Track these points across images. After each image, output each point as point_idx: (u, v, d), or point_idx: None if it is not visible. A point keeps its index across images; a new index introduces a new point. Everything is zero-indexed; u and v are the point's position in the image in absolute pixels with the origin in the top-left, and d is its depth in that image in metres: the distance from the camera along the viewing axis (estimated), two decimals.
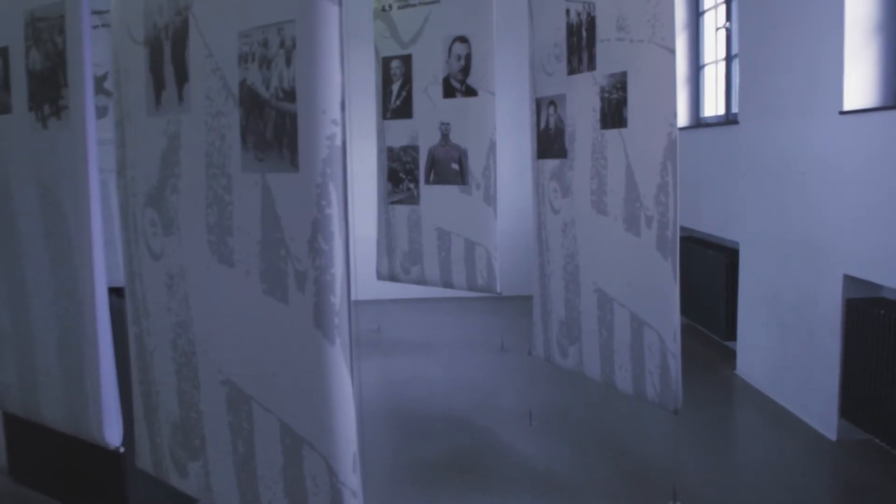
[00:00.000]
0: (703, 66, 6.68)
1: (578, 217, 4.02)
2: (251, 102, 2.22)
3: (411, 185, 6.54)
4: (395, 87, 6.54)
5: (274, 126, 2.15)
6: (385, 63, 6.60)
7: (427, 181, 6.43)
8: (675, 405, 3.52)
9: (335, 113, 2.04)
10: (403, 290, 6.93)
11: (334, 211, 2.04)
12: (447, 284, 6.40)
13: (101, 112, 6.74)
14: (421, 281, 6.61)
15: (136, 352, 2.93)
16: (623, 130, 3.65)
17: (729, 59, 6.02)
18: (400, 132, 6.56)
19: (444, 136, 6.23)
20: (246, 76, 2.25)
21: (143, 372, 2.91)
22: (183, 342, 2.65)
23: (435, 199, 6.38)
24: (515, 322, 6.86)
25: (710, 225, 6.08)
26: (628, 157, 3.63)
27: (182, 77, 2.52)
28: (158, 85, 2.65)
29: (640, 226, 3.58)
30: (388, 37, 6.57)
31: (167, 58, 2.59)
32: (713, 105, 6.54)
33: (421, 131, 6.41)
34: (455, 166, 6.19)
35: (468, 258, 6.19)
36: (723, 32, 6.12)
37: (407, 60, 6.44)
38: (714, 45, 6.45)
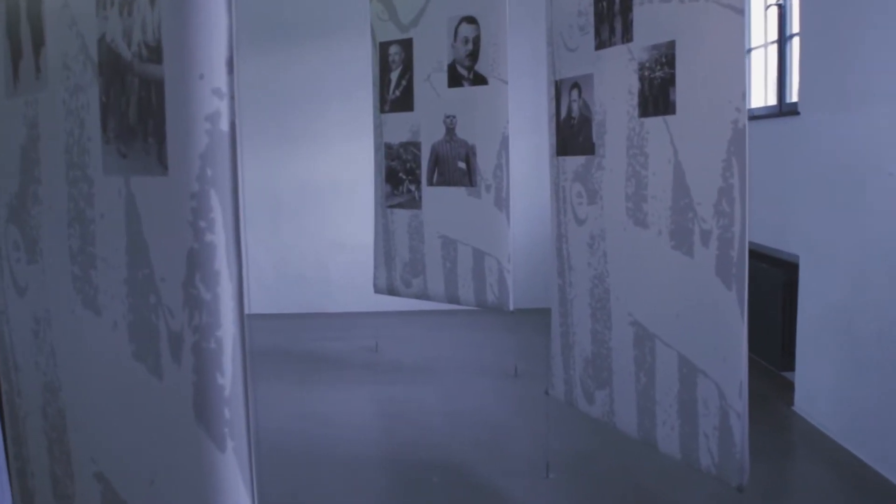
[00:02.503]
0: (749, 49, 5.80)
1: (609, 229, 3.18)
2: (112, 69, 1.41)
3: (412, 187, 5.73)
4: (394, 76, 5.73)
5: (138, 103, 1.34)
6: (383, 49, 5.78)
7: (430, 182, 5.62)
8: (739, 480, 2.67)
9: (219, 78, 1.24)
10: (405, 301, 6.14)
11: (219, 237, 1.23)
12: (453, 300, 5.58)
13: None
14: (423, 295, 5.79)
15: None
16: (670, 118, 2.81)
17: (782, 40, 5.16)
18: (399, 127, 5.75)
19: (450, 130, 5.41)
20: (105, 29, 1.44)
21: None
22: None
23: (439, 202, 5.57)
24: (531, 340, 6.02)
25: (763, 234, 5.16)
26: (677, 152, 2.79)
27: (38, 38, 1.72)
28: (15, 52, 1.85)
29: (692, 243, 2.74)
30: (387, 19, 5.76)
31: (23, 13, 1.79)
32: (761, 94, 5.67)
33: (423, 125, 5.60)
34: (462, 165, 5.37)
35: (477, 271, 5.37)
36: (774, 10, 5.25)
37: (407, 45, 5.63)
38: (762, 26, 5.58)
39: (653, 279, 2.95)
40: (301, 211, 7.53)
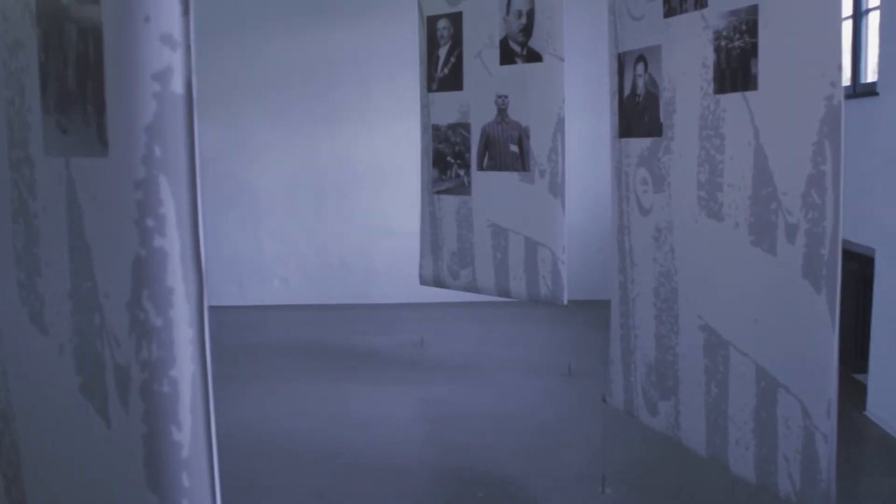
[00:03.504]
0: None
1: (678, 220, 2.82)
2: (49, 16, 1.11)
3: (461, 172, 5.40)
4: (443, 53, 5.39)
5: (76, 61, 1.04)
6: (430, 23, 5.45)
7: (480, 166, 5.28)
8: None
9: (170, 22, 0.93)
10: (453, 291, 5.82)
11: (172, 242, 0.92)
12: (503, 293, 5.25)
13: None
14: (471, 288, 5.47)
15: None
16: (750, 95, 2.43)
17: (858, 15, 4.70)
18: (448, 107, 5.42)
19: (501, 111, 5.06)
20: None
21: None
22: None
23: (489, 188, 5.23)
24: (587, 335, 5.66)
25: None
26: (758, 133, 2.41)
27: None
28: None
29: (775, 238, 2.36)
30: None
31: None
32: None
33: (473, 106, 5.25)
34: (514, 148, 5.02)
35: (529, 262, 5.02)
36: None
37: (456, 19, 5.28)
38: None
39: (727, 279, 2.58)
40: (345, 195, 7.25)
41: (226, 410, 4.62)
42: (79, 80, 1.03)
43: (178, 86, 0.91)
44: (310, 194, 7.29)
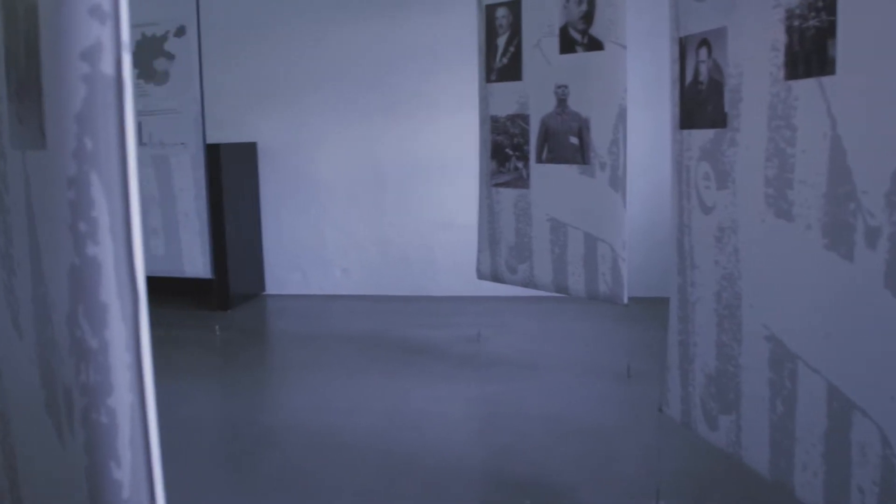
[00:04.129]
0: None
1: (743, 220, 2.59)
2: None
3: (519, 164, 5.22)
4: (501, 42, 5.20)
5: (25, 43, 0.91)
6: (489, 12, 5.27)
7: (539, 159, 5.08)
8: None
9: None
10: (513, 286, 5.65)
11: (105, 250, 0.78)
12: (561, 289, 5.05)
13: (161, 77, 5.76)
14: (529, 283, 5.29)
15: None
16: (827, 81, 2.19)
17: None
18: (507, 98, 5.23)
19: (561, 101, 4.85)
20: None
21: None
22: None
23: (548, 181, 5.04)
24: (647, 335, 5.42)
25: None
26: (836, 124, 2.16)
27: None
28: None
29: (853, 242, 2.12)
30: None
31: None
32: None
33: (532, 96, 5.06)
34: (574, 140, 4.81)
35: (588, 258, 4.82)
36: None
37: (515, 7, 5.09)
38: None
39: (797, 286, 2.34)
40: (405, 187, 7.13)
41: (282, 401, 4.59)
42: (27, 64, 0.90)
43: (107, 65, 0.77)
44: (370, 185, 7.20)
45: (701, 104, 2.75)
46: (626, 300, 4.62)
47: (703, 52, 2.71)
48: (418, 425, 4.09)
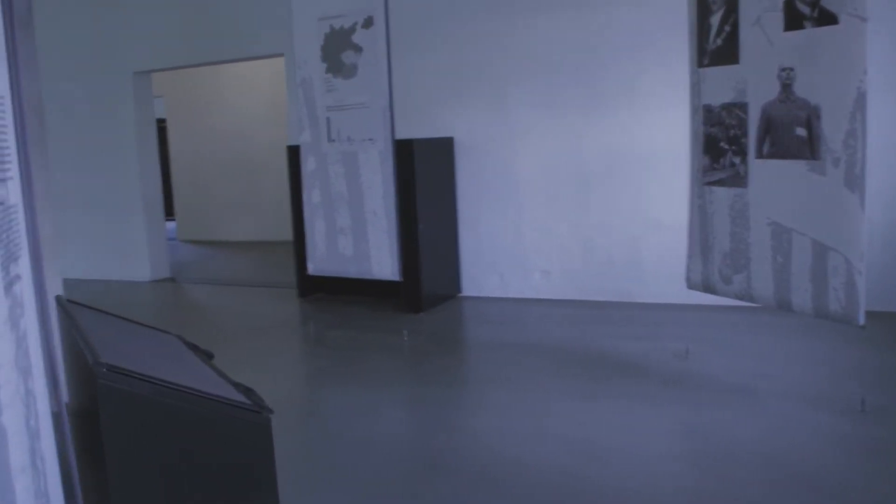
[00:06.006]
0: None
1: None
2: None
3: (736, 160, 4.59)
4: (715, 21, 4.59)
5: None
6: None
7: (759, 154, 4.43)
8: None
9: None
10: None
11: None
12: (783, 305, 4.37)
13: (349, 70, 5.67)
14: (745, 296, 4.65)
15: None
16: None
17: None
18: (721, 84, 4.62)
19: (786, 87, 4.19)
20: None
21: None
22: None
23: (770, 179, 4.38)
24: (888, 361, 4.60)
25: None
26: None
27: None
28: None
29: None
30: None
31: None
32: None
33: (751, 81, 4.42)
34: (801, 132, 4.13)
35: (817, 270, 4.12)
36: None
37: None
38: None
39: None
40: (610, 184, 6.64)
41: (461, 421, 4.30)
42: None
43: None
44: (572, 183, 6.78)
45: None
46: (862, 321, 3.88)
47: None
48: (606, 458, 3.63)
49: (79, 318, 2.50)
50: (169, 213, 14.00)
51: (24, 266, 1.39)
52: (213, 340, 6.28)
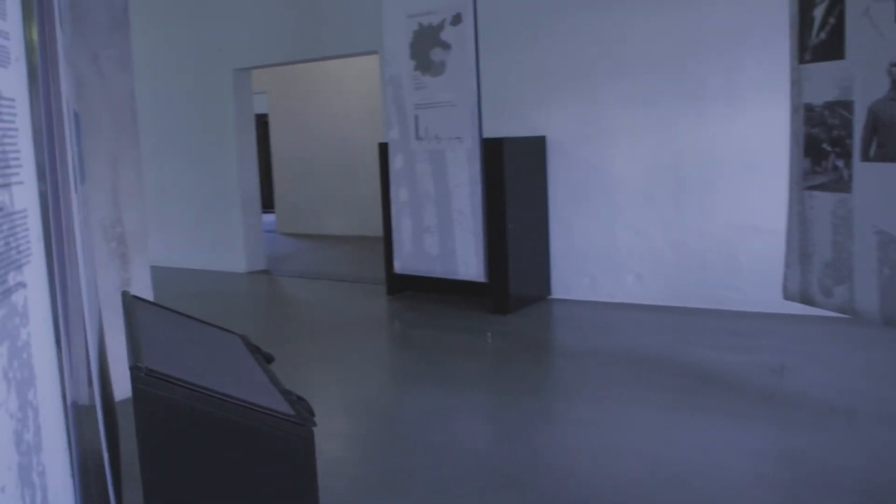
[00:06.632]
0: None
1: None
2: None
3: (839, 163, 4.27)
4: (819, 13, 4.28)
5: None
6: None
7: (865, 156, 4.11)
8: None
9: None
10: None
11: None
12: (890, 321, 4.03)
13: (437, 68, 5.60)
14: (847, 310, 4.32)
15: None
16: None
17: None
18: (825, 82, 4.30)
19: None
20: None
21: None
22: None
23: (878, 184, 4.05)
24: None
25: None
26: None
27: None
28: None
29: None
30: None
31: None
32: None
33: (858, 78, 4.09)
34: None
35: None
36: None
37: None
38: None
39: None
40: (707, 186, 6.34)
41: (538, 432, 4.13)
42: None
43: None
44: (668, 183, 6.51)
45: None
46: None
47: None
48: (688, 481, 3.42)
49: (138, 316, 2.50)
50: (269, 206, 14.38)
51: (32, 273, 1.35)
52: (298, 334, 6.35)
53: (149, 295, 4.37)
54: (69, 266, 1.70)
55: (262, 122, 14.01)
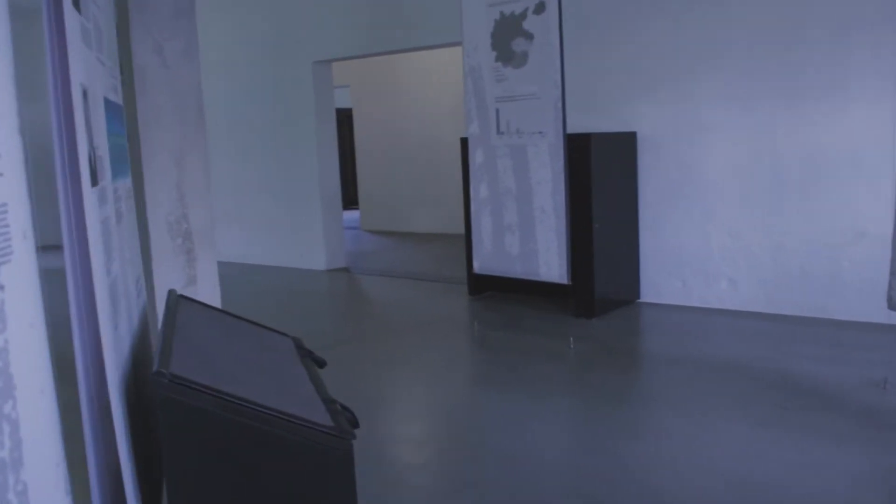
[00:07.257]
0: None
1: None
2: None
3: None
4: None
5: None
6: None
7: None
8: None
9: None
10: None
11: None
12: None
13: (520, 59, 5.36)
14: None
15: None
16: None
17: None
18: None
19: None
20: None
21: None
22: None
23: None
24: None
25: None
26: None
27: None
28: None
29: None
30: None
31: None
32: None
33: None
34: None
35: None
36: None
37: None
38: None
39: None
40: (809, 187, 5.91)
41: (616, 445, 3.85)
42: None
43: None
44: (767, 184, 6.11)
45: None
46: None
47: None
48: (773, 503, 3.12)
49: (179, 318, 2.37)
50: (354, 202, 14.39)
51: (13, 274, 1.21)
52: (375, 334, 6.23)
53: (216, 292, 4.30)
54: (76, 264, 1.57)
55: (346, 117, 14.02)
